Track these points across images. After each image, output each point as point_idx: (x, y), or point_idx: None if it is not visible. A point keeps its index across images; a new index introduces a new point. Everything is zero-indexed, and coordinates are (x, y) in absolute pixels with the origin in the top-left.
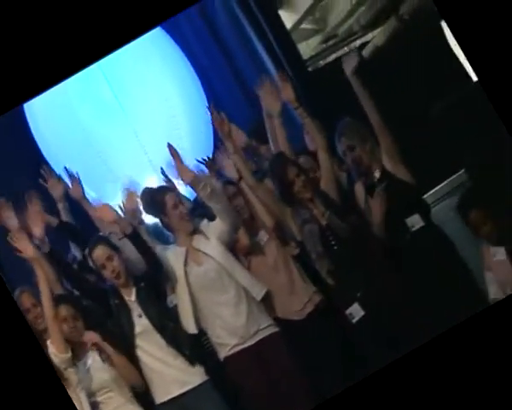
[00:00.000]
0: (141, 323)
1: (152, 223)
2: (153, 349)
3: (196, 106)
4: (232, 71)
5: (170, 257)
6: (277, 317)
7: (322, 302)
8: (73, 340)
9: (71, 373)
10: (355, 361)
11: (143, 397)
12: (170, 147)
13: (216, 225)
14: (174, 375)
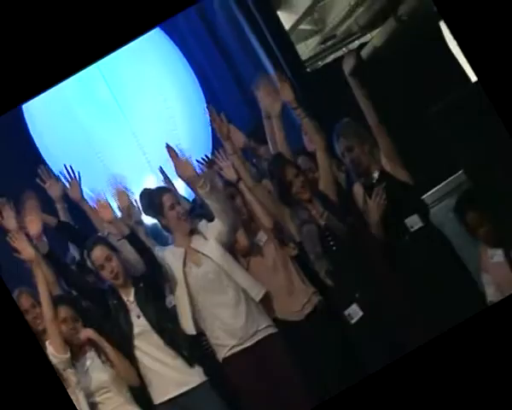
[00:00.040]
0: (139, 323)
1: (151, 224)
2: (151, 350)
3: (195, 107)
4: (231, 72)
5: (169, 258)
6: (276, 318)
7: (320, 303)
8: (72, 341)
9: (69, 374)
10: (354, 362)
11: (142, 398)
12: (168, 147)
13: (214, 226)
14: (173, 376)
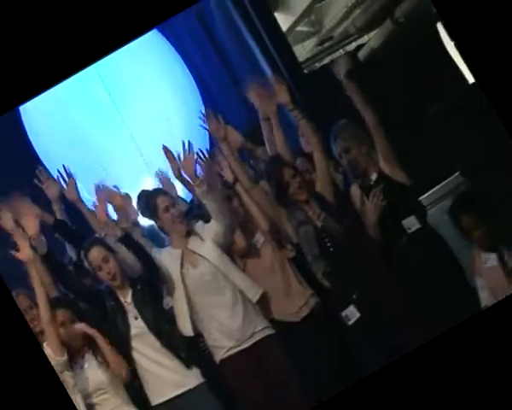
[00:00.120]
0: (137, 325)
1: (148, 225)
2: (148, 351)
3: (192, 108)
4: (228, 73)
5: (166, 259)
6: (273, 319)
7: (318, 305)
8: (70, 343)
9: (67, 376)
10: (351, 363)
11: (139, 399)
12: (165, 149)
13: (211, 227)
14: (170, 377)
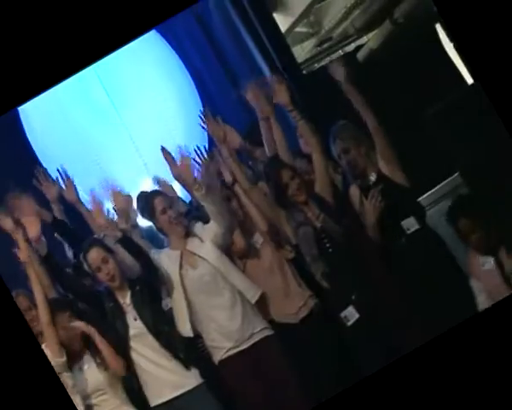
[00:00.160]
0: (136, 326)
1: (146, 226)
2: (147, 352)
3: (191, 109)
4: (227, 74)
5: (164, 261)
6: (272, 320)
7: (316, 306)
8: (69, 344)
9: (65, 377)
10: (350, 364)
11: (138, 400)
12: (164, 150)
13: (210, 228)
14: (169, 378)
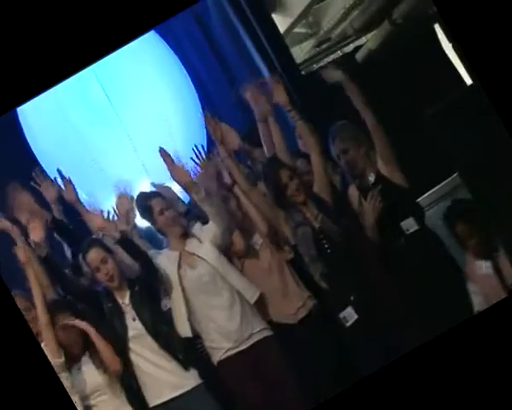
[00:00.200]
0: (135, 326)
1: (146, 227)
2: (146, 353)
3: (190, 109)
4: (225, 74)
5: (163, 261)
6: (271, 320)
7: (315, 307)
8: (67, 345)
9: (64, 378)
10: (349, 365)
11: (137, 400)
12: (161, 151)
13: (209, 229)
14: (168, 378)
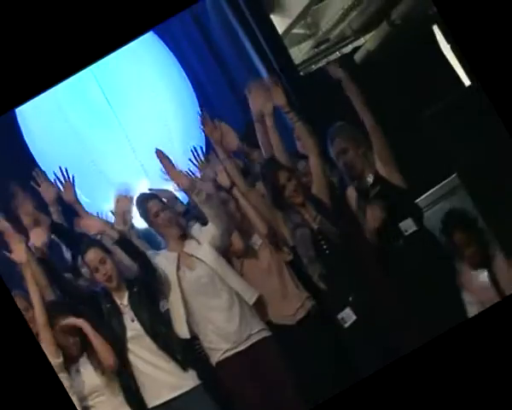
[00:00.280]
0: (133, 327)
1: (144, 228)
2: (145, 354)
3: (188, 111)
4: (224, 75)
5: (162, 262)
6: (270, 321)
7: (314, 308)
8: (65, 346)
9: (62, 378)
10: (347, 366)
11: (135, 401)
12: (158, 152)
13: (208, 230)
14: (166, 379)
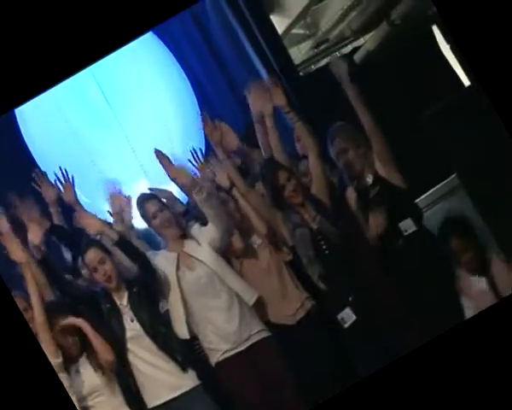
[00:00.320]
0: (133, 327)
1: (144, 228)
2: (144, 354)
3: (188, 111)
4: (224, 76)
5: (161, 262)
6: (269, 321)
7: (313, 308)
8: (66, 348)
9: (62, 378)
10: (347, 366)
11: (135, 401)
12: (157, 153)
13: (208, 231)
14: (166, 379)
